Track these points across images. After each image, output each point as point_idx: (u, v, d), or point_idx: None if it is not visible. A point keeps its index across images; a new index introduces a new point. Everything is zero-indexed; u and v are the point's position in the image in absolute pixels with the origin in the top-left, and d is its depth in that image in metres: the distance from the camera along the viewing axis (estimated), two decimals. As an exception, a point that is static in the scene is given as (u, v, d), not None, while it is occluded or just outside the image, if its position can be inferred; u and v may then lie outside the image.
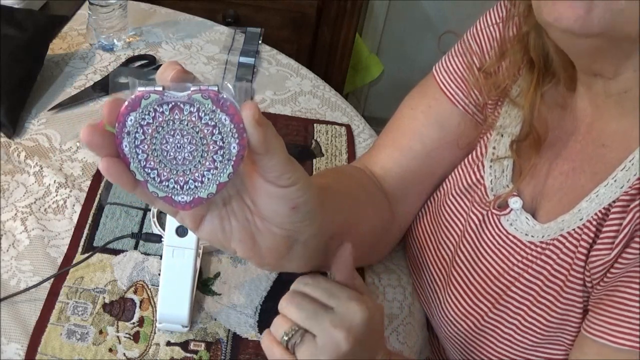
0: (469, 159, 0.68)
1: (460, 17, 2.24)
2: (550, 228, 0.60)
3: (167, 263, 0.63)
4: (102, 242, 0.73)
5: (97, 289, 0.69)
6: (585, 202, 0.57)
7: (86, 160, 0.84)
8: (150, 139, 0.42)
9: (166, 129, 0.41)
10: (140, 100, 0.41)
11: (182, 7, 1.20)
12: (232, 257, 0.74)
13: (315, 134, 0.94)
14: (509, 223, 0.63)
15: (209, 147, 0.42)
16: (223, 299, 0.70)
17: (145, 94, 0.40)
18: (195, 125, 0.41)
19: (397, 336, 0.71)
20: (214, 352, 0.65)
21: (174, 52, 1.06)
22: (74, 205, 0.77)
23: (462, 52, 0.68)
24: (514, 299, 0.62)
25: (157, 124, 0.41)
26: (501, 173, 0.65)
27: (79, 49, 1.04)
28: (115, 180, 0.42)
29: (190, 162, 0.42)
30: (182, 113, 0.41)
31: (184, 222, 0.48)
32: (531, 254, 0.61)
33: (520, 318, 0.61)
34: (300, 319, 0.50)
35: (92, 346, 0.64)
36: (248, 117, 0.40)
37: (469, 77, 0.67)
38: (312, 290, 0.52)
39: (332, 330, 0.49)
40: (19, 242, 0.73)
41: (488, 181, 0.65)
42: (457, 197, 0.68)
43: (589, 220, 0.56)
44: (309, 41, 1.62)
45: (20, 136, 0.86)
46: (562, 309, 0.59)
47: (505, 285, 0.63)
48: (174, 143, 0.42)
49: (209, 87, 0.41)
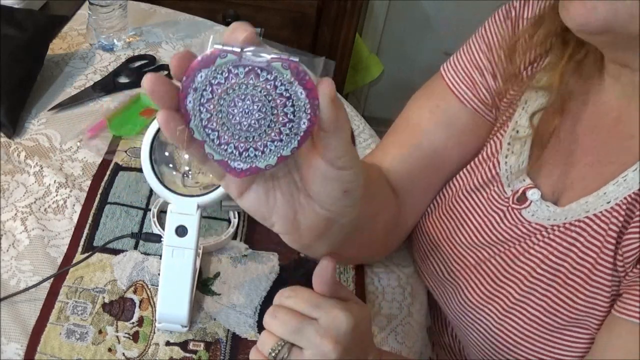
0: (482, 156, 0.68)
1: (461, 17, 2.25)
2: (573, 210, 0.60)
3: (167, 263, 0.63)
4: (102, 242, 0.73)
5: (96, 289, 0.69)
6: (612, 186, 0.58)
7: (86, 160, 0.84)
8: (217, 99, 0.40)
9: (237, 92, 0.40)
10: (216, 58, 0.39)
11: (182, 7, 1.20)
12: (232, 257, 0.74)
13: (315, 134, 0.94)
14: (530, 214, 0.63)
15: (278, 118, 0.40)
16: (223, 299, 0.70)
17: (221, 53, 0.39)
18: (269, 93, 0.40)
19: (396, 336, 0.71)
20: (214, 352, 0.65)
21: (174, 52, 1.06)
22: (74, 205, 0.78)
23: (471, 52, 0.69)
24: (541, 281, 0.62)
25: (229, 85, 0.40)
26: (517, 169, 0.65)
27: (79, 49, 1.04)
28: (170, 134, 0.41)
29: (255, 130, 0.41)
30: (258, 79, 0.39)
31: (228, 188, 0.47)
32: (555, 235, 0.61)
33: (547, 300, 0.61)
34: (285, 333, 0.50)
35: (92, 346, 0.64)
36: (325, 94, 0.39)
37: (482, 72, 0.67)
38: (294, 303, 0.51)
39: (319, 341, 0.49)
40: (19, 242, 0.73)
41: (504, 177, 0.65)
42: (472, 194, 0.68)
43: (617, 204, 0.57)
44: (309, 41, 1.63)
45: (20, 136, 0.86)
46: (590, 291, 0.59)
47: (531, 267, 0.63)
48: (242, 108, 0.40)
49: (290, 57, 0.39)
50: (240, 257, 0.74)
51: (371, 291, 0.74)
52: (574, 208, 0.60)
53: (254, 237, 0.77)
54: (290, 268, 0.74)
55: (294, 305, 0.51)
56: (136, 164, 0.84)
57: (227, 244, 0.75)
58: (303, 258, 0.75)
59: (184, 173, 0.66)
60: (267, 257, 0.75)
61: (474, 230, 0.68)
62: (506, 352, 0.65)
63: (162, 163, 0.64)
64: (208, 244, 0.73)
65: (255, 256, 0.75)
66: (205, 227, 0.77)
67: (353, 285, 0.74)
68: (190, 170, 0.66)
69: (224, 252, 0.75)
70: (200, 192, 0.62)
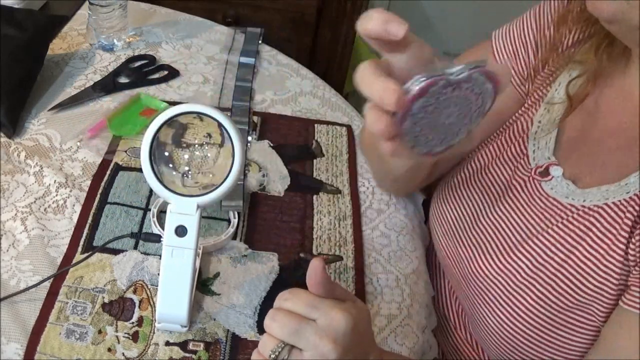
0: (512, 133, 0.72)
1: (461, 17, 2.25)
2: (592, 194, 0.62)
3: (167, 263, 0.63)
4: (101, 242, 0.73)
5: (96, 289, 0.69)
6: (633, 177, 0.60)
7: (86, 160, 0.84)
8: (428, 115, 0.47)
9: (443, 104, 0.46)
10: (429, 88, 0.45)
11: (182, 7, 1.20)
12: (231, 257, 0.74)
13: (316, 135, 0.94)
14: (550, 187, 0.66)
15: (470, 109, 0.48)
16: (222, 299, 0.70)
17: (433, 82, 0.45)
18: (468, 97, 0.47)
19: (395, 337, 0.71)
20: (213, 352, 0.65)
21: (174, 52, 1.07)
22: (74, 205, 0.78)
23: (521, 26, 0.73)
24: (554, 260, 0.63)
25: (438, 102, 0.46)
26: (544, 145, 0.68)
27: (79, 49, 1.04)
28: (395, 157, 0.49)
29: (454, 124, 0.49)
30: (460, 90, 0.46)
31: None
32: (573, 217, 0.63)
33: (557, 279, 0.63)
34: (284, 335, 0.51)
35: (91, 346, 0.64)
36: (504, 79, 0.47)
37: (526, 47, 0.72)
38: (293, 305, 0.52)
39: (319, 342, 0.50)
40: (19, 242, 0.73)
41: (531, 151, 0.69)
42: (500, 167, 0.72)
43: (636, 194, 0.59)
44: (309, 41, 1.63)
45: (20, 136, 0.86)
46: (599, 277, 0.60)
47: (545, 245, 0.64)
48: (446, 113, 0.47)
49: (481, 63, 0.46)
50: (240, 257, 0.74)
51: (370, 292, 0.74)
52: (594, 193, 0.62)
53: (254, 237, 0.77)
54: (290, 268, 0.74)
55: (292, 307, 0.52)
56: (136, 164, 0.84)
57: (227, 244, 0.75)
58: (303, 258, 0.76)
59: (184, 173, 0.66)
60: (267, 257, 0.75)
61: (496, 196, 0.71)
62: (512, 329, 0.66)
63: (162, 163, 0.64)
64: (208, 244, 0.73)
65: (255, 256, 0.75)
66: (205, 227, 0.77)
67: (353, 285, 0.74)
68: (190, 170, 0.66)
69: (223, 252, 0.75)
70: (200, 192, 0.62)
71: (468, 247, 0.72)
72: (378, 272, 0.77)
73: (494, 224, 0.70)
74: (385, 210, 0.85)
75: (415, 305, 0.75)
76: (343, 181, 0.87)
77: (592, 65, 0.65)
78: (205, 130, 0.66)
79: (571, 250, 0.62)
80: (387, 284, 0.75)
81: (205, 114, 0.61)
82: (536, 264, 0.64)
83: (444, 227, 0.76)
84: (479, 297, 0.70)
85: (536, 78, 0.72)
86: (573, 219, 0.63)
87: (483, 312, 0.70)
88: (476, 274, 0.70)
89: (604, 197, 0.61)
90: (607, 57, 0.64)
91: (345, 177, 0.88)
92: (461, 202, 0.74)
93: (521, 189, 0.68)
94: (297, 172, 0.87)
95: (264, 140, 0.91)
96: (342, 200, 0.84)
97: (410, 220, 0.84)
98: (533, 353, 0.66)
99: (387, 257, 0.79)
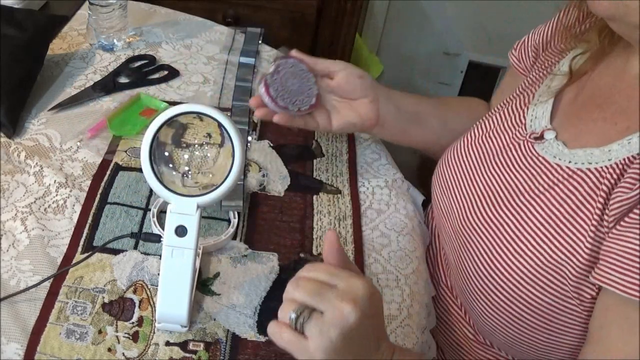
0: (517, 104, 0.78)
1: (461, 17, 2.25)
2: (578, 155, 0.65)
3: (167, 263, 0.63)
4: (101, 242, 0.73)
5: (96, 289, 0.69)
6: (616, 145, 0.63)
7: (86, 160, 0.84)
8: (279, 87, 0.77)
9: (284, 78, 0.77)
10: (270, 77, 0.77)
11: (182, 7, 1.20)
12: (231, 257, 0.74)
13: (316, 135, 0.94)
14: (541, 148, 0.70)
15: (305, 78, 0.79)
16: (222, 299, 0.70)
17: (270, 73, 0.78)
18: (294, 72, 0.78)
19: (395, 338, 0.71)
20: (213, 352, 0.65)
21: (174, 52, 1.07)
22: (74, 205, 0.78)
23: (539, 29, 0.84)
24: (536, 218, 0.66)
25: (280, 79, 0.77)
26: (541, 114, 0.73)
27: (79, 49, 1.04)
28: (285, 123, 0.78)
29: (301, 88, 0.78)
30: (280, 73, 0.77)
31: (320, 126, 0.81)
32: (558, 179, 0.66)
33: (536, 237, 0.65)
34: (306, 298, 0.53)
35: (91, 346, 0.64)
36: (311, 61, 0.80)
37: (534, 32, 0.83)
38: (314, 274, 0.55)
39: (339, 303, 0.52)
40: (19, 242, 0.73)
41: (529, 120, 0.74)
42: (500, 134, 0.76)
43: (616, 163, 0.61)
44: (309, 41, 1.63)
45: (20, 136, 0.86)
46: (573, 239, 0.63)
47: (530, 203, 0.67)
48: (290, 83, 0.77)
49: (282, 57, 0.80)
50: (240, 257, 0.74)
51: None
52: (579, 154, 0.65)
53: (254, 237, 0.77)
54: (290, 268, 0.74)
55: (314, 276, 0.55)
56: (136, 164, 0.84)
57: (227, 244, 0.76)
58: (303, 258, 0.76)
59: (184, 173, 0.66)
60: (267, 257, 0.75)
61: (492, 158, 0.75)
62: (494, 284, 0.68)
63: (162, 163, 0.64)
64: (208, 244, 0.73)
65: (255, 256, 0.75)
66: (205, 227, 0.77)
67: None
68: (189, 170, 0.66)
69: (223, 252, 0.75)
70: (200, 192, 0.62)
71: (461, 201, 0.76)
72: (378, 272, 0.77)
73: (487, 180, 0.74)
74: (385, 210, 0.85)
75: (415, 306, 0.75)
76: (343, 181, 0.87)
77: (595, 45, 0.70)
78: (205, 130, 0.66)
79: (552, 211, 0.65)
80: (387, 284, 0.76)
81: (205, 114, 0.61)
82: (520, 220, 0.67)
83: (443, 185, 0.81)
84: (465, 248, 0.73)
85: (545, 52, 0.80)
86: (558, 181, 0.66)
87: (468, 265, 0.73)
88: (466, 225, 0.74)
89: (587, 160, 0.64)
90: (608, 40, 0.69)
91: (345, 177, 0.88)
92: (461, 163, 0.79)
93: (515, 151, 0.72)
94: (297, 172, 0.87)
95: (264, 140, 0.91)
96: (342, 200, 0.84)
97: (410, 220, 0.84)
98: (513, 315, 0.68)
99: (387, 257, 0.79)
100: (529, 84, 0.79)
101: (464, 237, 0.74)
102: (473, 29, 2.02)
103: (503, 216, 0.69)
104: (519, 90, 0.80)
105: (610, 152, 0.63)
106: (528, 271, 0.65)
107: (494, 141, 0.76)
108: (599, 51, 0.71)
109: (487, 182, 0.74)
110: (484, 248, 0.70)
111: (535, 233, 0.65)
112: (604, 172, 0.62)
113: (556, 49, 0.78)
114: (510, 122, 0.76)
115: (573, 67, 0.73)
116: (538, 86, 0.77)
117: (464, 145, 0.80)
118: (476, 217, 0.73)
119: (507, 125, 0.76)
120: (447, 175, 0.80)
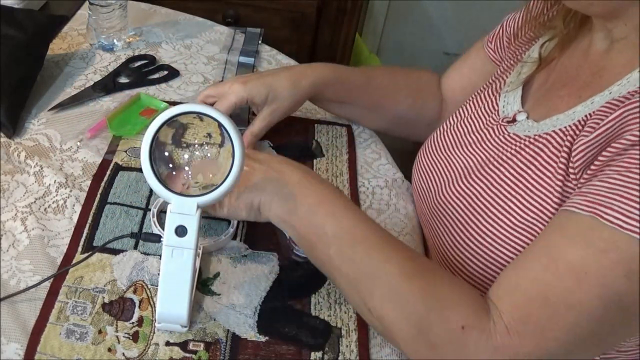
0: (490, 91, 0.82)
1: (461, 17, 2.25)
2: (546, 125, 0.69)
3: (167, 263, 0.63)
4: (101, 242, 0.73)
5: (96, 289, 0.69)
6: (580, 107, 0.65)
7: (86, 160, 0.84)
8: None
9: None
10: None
11: (182, 7, 1.20)
12: (231, 258, 0.74)
13: (316, 135, 0.94)
14: (513, 129, 0.73)
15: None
16: (222, 299, 0.70)
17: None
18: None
19: (396, 336, 0.70)
20: (213, 352, 0.65)
21: (174, 52, 1.07)
22: (74, 205, 0.78)
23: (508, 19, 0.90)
24: (506, 183, 0.69)
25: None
26: (513, 100, 0.77)
27: (79, 49, 1.04)
28: None
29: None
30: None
31: None
32: (524, 145, 0.69)
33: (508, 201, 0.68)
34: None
35: (91, 346, 0.64)
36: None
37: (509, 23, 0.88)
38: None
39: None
40: (19, 242, 0.73)
41: (501, 107, 0.78)
42: (475, 120, 0.80)
43: (578, 120, 0.64)
44: (309, 41, 1.63)
45: (20, 136, 0.86)
46: (543, 198, 0.64)
47: (499, 170, 0.71)
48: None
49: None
50: (240, 257, 0.74)
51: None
52: (547, 123, 0.69)
53: (254, 237, 0.77)
54: (290, 268, 0.74)
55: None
56: (136, 164, 0.84)
57: (227, 244, 0.76)
58: (303, 258, 0.75)
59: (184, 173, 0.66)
60: (266, 257, 0.75)
61: (466, 142, 0.79)
62: (470, 253, 0.70)
63: (162, 163, 0.64)
64: (208, 244, 0.73)
65: (255, 256, 0.75)
66: (205, 227, 0.77)
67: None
68: (190, 170, 0.66)
69: (223, 252, 0.75)
70: (200, 192, 0.62)
71: (437, 180, 0.80)
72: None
73: (460, 159, 0.78)
74: (385, 210, 0.85)
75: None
76: (343, 181, 0.87)
77: (562, 31, 0.75)
78: (205, 130, 0.66)
79: (520, 173, 0.68)
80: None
81: (205, 114, 0.61)
82: (490, 186, 0.70)
83: (420, 171, 0.84)
84: (442, 223, 0.76)
85: (516, 41, 0.84)
86: (525, 146, 0.69)
87: (444, 240, 0.75)
88: (440, 200, 0.77)
89: (553, 125, 0.67)
90: (573, 25, 0.74)
91: (345, 177, 0.88)
92: (437, 148, 0.83)
93: (488, 133, 0.76)
94: (297, 172, 0.87)
95: (264, 140, 0.91)
96: (342, 200, 0.84)
97: (410, 220, 0.84)
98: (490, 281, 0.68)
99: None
100: (501, 72, 0.83)
101: (440, 213, 0.77)
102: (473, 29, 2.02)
103: (475, 185, 0.72)
104: (492, 78, 0.84)
105: (574, 113, 0.65)
106: (501, 234, 0.67)
107: (469, 128, 0.80)
108: (565, 37, 0.75)
109: (461, 160, 0.78)
110: (459, 219, 0.72)
111: (505, 196, 0.68)
112: (567, 130, 0.65)
113: (526, 37, 0.83)
114: (483, 109, 0.80)
115: (542, 54, 0.77)
116: (509, 73, 0.80)
117: (440, 134, 0.84)
118: (450, 191, 0.76)
119: (480, 112, 0.80)
120: (425, 161, 0.84)
